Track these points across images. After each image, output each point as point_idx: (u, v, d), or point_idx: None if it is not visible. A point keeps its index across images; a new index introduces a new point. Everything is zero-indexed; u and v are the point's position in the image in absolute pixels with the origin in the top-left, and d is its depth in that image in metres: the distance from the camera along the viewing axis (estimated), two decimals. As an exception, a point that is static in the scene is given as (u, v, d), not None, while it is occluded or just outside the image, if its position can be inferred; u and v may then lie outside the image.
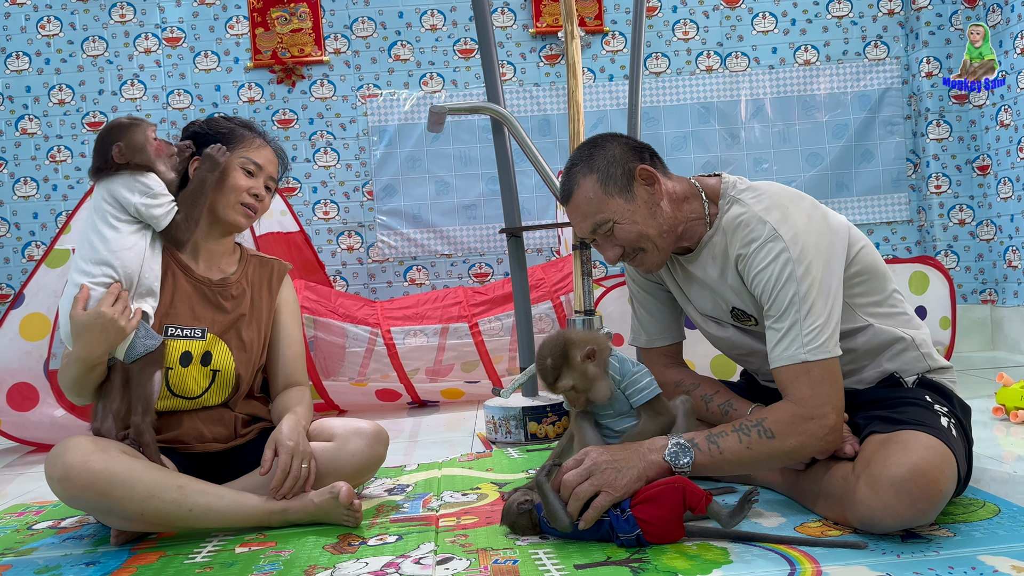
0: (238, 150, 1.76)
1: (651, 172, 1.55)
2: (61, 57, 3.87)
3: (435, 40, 3.95)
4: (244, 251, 1.89)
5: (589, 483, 1.38)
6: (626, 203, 1.55)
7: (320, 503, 1.60)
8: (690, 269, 1.64)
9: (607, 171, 1.55)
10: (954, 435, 1.40)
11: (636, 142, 1.60)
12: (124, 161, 1.65)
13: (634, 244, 1.57)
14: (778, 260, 1.45)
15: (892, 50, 3.97)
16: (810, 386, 1.41)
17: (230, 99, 3.90)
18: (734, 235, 1.53)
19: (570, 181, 1.59)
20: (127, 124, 1.67)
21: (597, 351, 1.52)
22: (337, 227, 3.94)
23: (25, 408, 2.70)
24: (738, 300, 1.57)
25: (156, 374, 1.62)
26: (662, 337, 1.78)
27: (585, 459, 1.42)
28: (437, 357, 3.18)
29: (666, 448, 1.41)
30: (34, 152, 3.87)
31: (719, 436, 1.42)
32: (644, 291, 1.79)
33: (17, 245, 3.87)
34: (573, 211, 1.60)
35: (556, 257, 3.77)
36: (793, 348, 1.42)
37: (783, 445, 1.40)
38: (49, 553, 1.60)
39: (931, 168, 3.88)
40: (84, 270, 1.61)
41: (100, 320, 1.55)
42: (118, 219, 1.64)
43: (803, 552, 1.31)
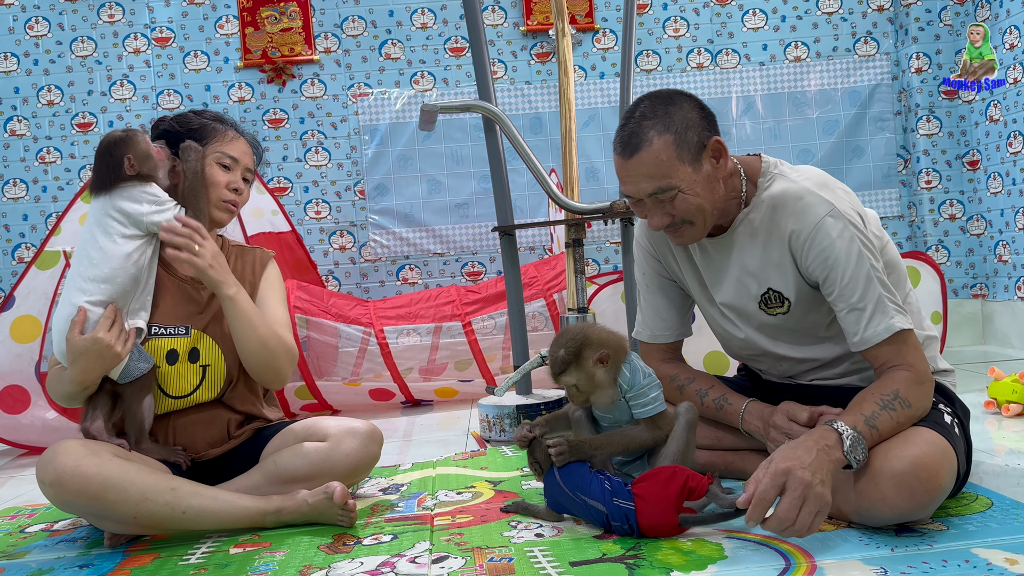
0: (211, 144, 1.74)
1: (723, 147, 1.48)
2: (50, 58, 3.84)
3: (426, 39, 3.94)
4: (226, 243, 1.87)
5: (808, 512, 1.23)
6: (693, 173, 1.46)
7: (314, 503, 1.59)
8: (717, 251, 1.58)
9: (684, 135, 1.45)
10: (956, 432, 1.41)
11: (707, 107, 1.52)
12: (135, 172, 1.64)
13: (687, 216, 1.49)
14: (843, 236, 1.42)
15: (882, 46, 3.98)
16: (912, 352, 1.41)
17: (220, 99, 3.88)
18: (783, 209, 1.48)
19: (640, 135, 1.46)
20: (128, 136, 1.66)
21: (611, 358, 1.50)
22: (329, 227, 3.93)
23: (16, 411, 2.69)
24: (778, 279, 1.51)
25: (148, 398, 1.63)
26: (666, 335, 1.75)
27: (788, 480, 1.24)
28: (430, 356, 3.18)
29: (844, 444, 1.30)
30: (23, 153, 3.84)
31: (875, 417, 1.35)
32: (656, 288, 1.74)
33: (7, 247, 3.84)
34: (635, 167, 1.47)
35: (549, 255, 3.77)
36: (887, 320, 1.40)
37: (916, 411, 1.38)
38: (42, 556, 1.59)
39: (921, 163, 3.89)
40: (82, 288, 1.59)
41: (97, 346, 1.54)
42: (123, 235, 1.62)
43: (798, 547, 1.32)
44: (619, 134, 1.50)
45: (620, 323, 2.87)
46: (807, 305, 1.52)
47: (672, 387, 1.69)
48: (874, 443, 1.34)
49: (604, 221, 2.37)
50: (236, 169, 1.77)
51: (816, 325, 1.55)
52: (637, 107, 1.50)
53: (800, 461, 1.25)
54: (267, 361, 1.71)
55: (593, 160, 3.90)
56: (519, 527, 1.53)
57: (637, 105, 1.51)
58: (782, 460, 1.26)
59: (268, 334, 1.71)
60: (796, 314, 1.53)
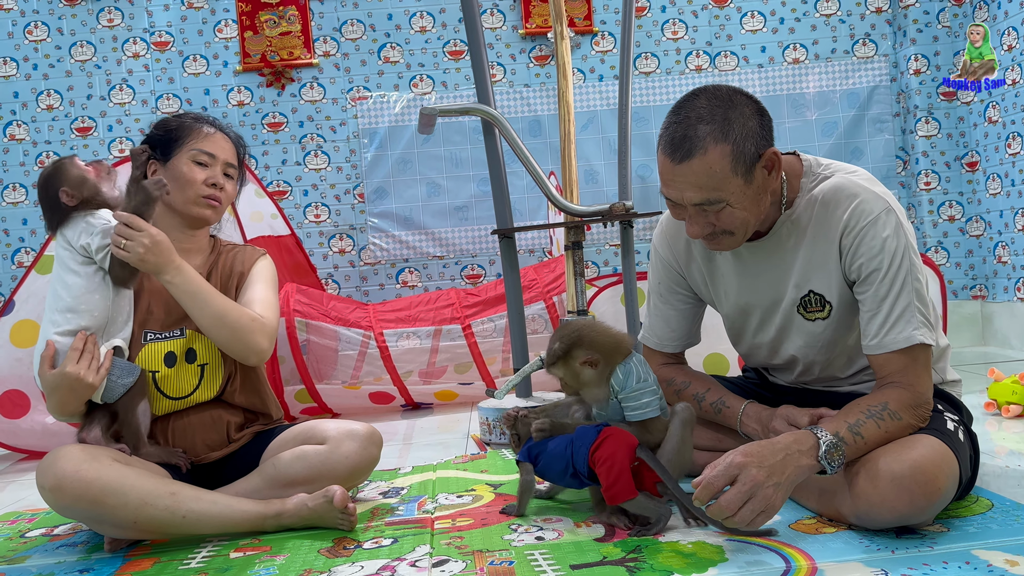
0: (187, 143, 1.75)
1: (778, 158, 1.40)
2: (49, 62, 3.85)
3: (425, 42, 3.95)
4: (218, 243, 1.86)
5: (750, 508, 1.25)
6: (744, 185, 1.38)
7: (314, 507, 1.59)
8: (754, 255, 1.54)
9: (741, 146, 1.36)
10: (960, 440, 1.41)
11: (765, 112, 1.41)
12: (75, 202, 1.63)
13: (729, 228, 1.42)
14: (895, 236, 1.39)
15: (880, 48, 3.99)
16: (916, 373, 1.39)
17: (219, 103, 3.88)
18: (836, 205, 1.43)
19: (694, 139, 1.36)
20: (56, 167, 1.64)
21: (600, 362, 1.52)
22: (328, 230, 3.93)
23: (16, 415, 2.69)
24: (821, 281, 1.47)
25: (142, 404, 1.63)
26: (672, 344, 1.74)
27: (740, 475, 1.26)
28: (430, 359, 3.18)
29: (819, 449, 1.30)
30: (23, 158, 3.84)
31: (859, 425, 1.34)
32: (667, 298, 1.70)
33: (6, 252, 3.84)
34: (684, 174, 1.38)
35: (548, 258, 3.77)
36: (909, 330, 1.38)
37: (906, 425, 1.37)
38: (43, 560, 1.59)
39: (920, 165, 3.90)
40: (52, 319, 1.60)
41: (66, 380, 1.55)
42: (79, 262, 1.62)
43: (799, 549, 1.32)
44: (669, 133, 1.39)
45: (619, 325, 2.86)
46: (845, 311, 1.49)
47: (670, 391, 1.69)
48: (860, 451, 1.35)
49: (603, 224, 2.37)
50: (214, 165, 1.76)
51: (848, 332, 1.52)
52: (692, 104, 1.39)
53: (760, 459, 1.27)
54: (232, 335, 1.66)
55: (592, 163, 3.90)
56: (519, 530, 1.53)
57: (692, 101, 1.40)
58: (742, 455, 1.28)
59: (225, 307, 1.66)
60: (835, 320, 1.50)
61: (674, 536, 1.43)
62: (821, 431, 1.33)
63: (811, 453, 1.31)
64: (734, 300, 1.61)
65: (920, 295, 1.41)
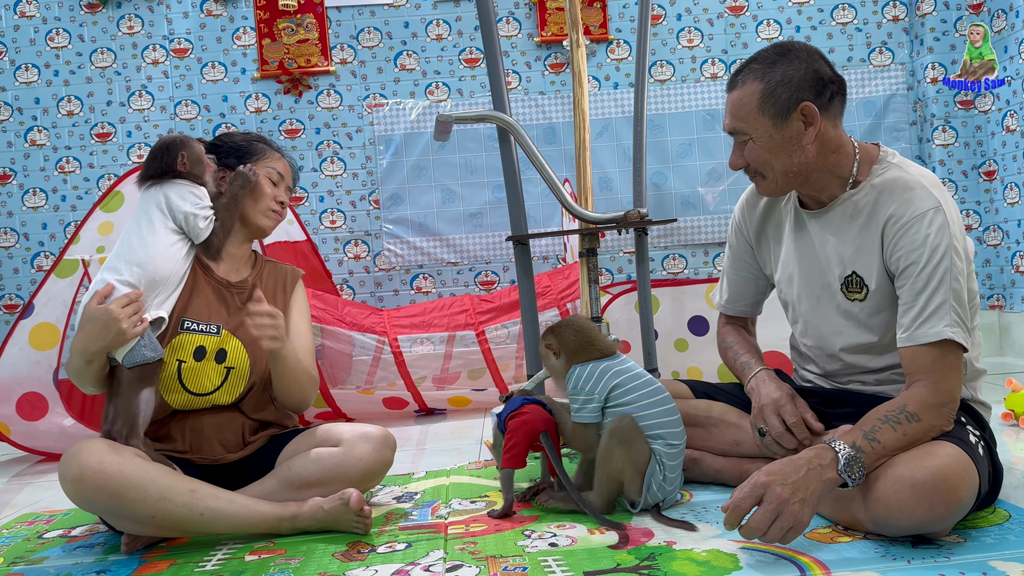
0: (263, 160, 1.89)
1: (813, 113, 1.50)
2: (70, 69, 3.89)
3: (441, 50, 3.97)
4: (259, 257, 1.96)
5: (779, 526, 1.28)
6: (773, 128, 1.52)
7: (330, 510, 1.60)
8: (813, 224, 1.62)
9: (774, 89, 1.50)
10: (980, 453, 1.41)
11: (825, 72, 1.52)
12: (186, 170, 1.76)
13: (757, 167, 1.57)
14: (941, 233, 1.43)
15: (897, 56, 3.97)
16: (943, 372, 1.41)
17: (237, 109, 3.92)
18: (891, 195, 1.50)
19: (741, 74, 1.55)
20: (186, 139, 1.80)
21: (560, 354, 1.70)
22: (344, 236, 3.95)
23: (34, 417, 2.72)
24: (864, 264, 1.53)
25: (146, 391, 1.64)
26: (733, 308, 1.87)
27: (766, 494, 1.29)
28: (444, 365, 3.18)
29: (839, 463, 1.32)
30: (43, 163, 3.89)
31: (875, 431, 1.36)
32: (734, 267, 1.84)
33: (26, 256, 3.89)
34: (729, 101, 1.58)
35: (562, 265, 3.77)
36: (941, 326, 1.40)
37: (927, 426, 1.38)
38: (60, 561, 1.61)
39: (937, 173, 3.87)
40: (115, 267, 1.67)
41: (104, 316, 1.58)
42: (164, 225, 1.73)
43: (814, 558, 1.31)
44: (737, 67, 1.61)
45: (633, 332, 2.87)
46: (881, 297, 1.53)
47: (722, 347, 1.86)
48: (880, 457, 1.35)
49: (618, 231, 2.37)
50: (281, 185, 1.91)
51: (882, 326, 1.55)
52: (761, 50, 1.58)
53: (783, 477, 1.30)
54: (299, 396, 1.83)
55: (607, 170, 3.91)
56: (533, 536, 1.53)
57: (764, 49, 1.58)
58: (766, 474, 1.31)
59: (304, 378, 1.81)
60: (869, 305, 1.55)
61: (688, 544, 1.43)
62: (839, 444, 1.34)
63: (832, 467, 1.32)
64: (792, 267, 1.68)
65: (958, 296, 1.42)
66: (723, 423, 1.75)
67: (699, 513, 1.61)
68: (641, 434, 1.59)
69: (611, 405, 1.63)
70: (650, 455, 1.60)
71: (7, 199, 3.88)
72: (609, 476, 1.60)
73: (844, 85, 1.56)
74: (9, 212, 3.88)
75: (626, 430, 1.59)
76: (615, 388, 1.62)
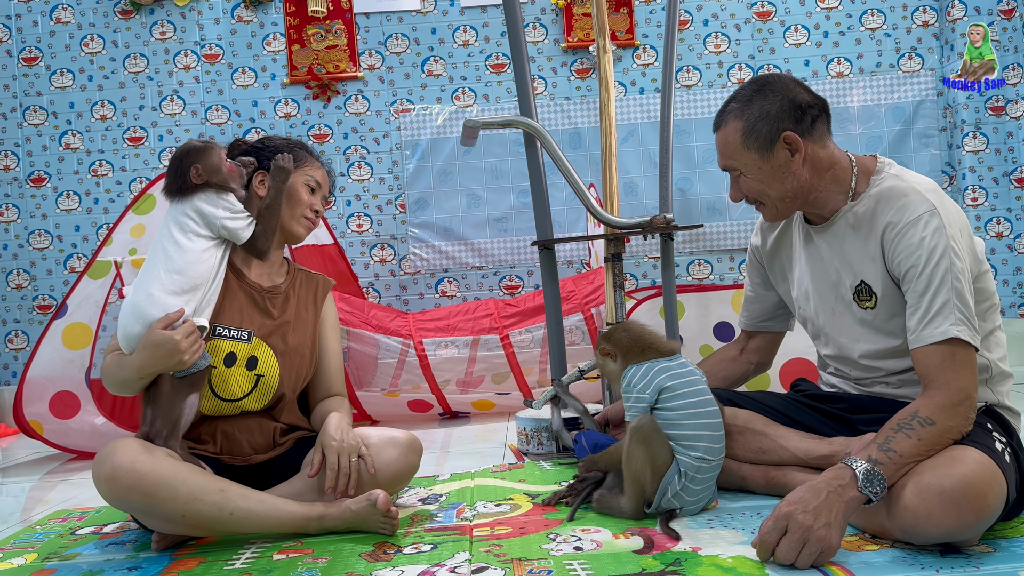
0: (302, 167, 1.87)
1: (795, 140, 1.56)
2: (103, 74, 3.97)
3: (467, 55, 3.99)
4: (292, 264, 1.96)
5: (807, 553, 1.28)
6: (760, 160, 1.59)
7: (357, 510, 1.62)
8: (821, 239, 1.66)
9: (754, 125, 1.57)
10: (1007, 461, 1.39)
11: (804, 98, 1.58)
12: (202, 182, 1.74)
13: (755, 197, 1.64)
14: (938, 235, 1.46)
15: (927, 62, 3.94)
16: (954, 370, 1.41)
17: (267, 115, 3.97)
18: (887, 203, 1.53)
19: (723, 114, 1.63)
20: (201, 147, 1.77)
21: (617, 357, 1.70)
22: (370, 240, 3.98)
23: (67, 416, 2.77)
24: (871, 272, 1.56)
25: (192, 396, 1.66)
26: (743, 323, 1.95)
27: (790, 524, 1.30)
28: (468, 369, 3.20)
29: (858, 480, 1.33)
30: (76, 167, 3.97)
31: (889, 441, 1.37)
32: (748, 271, 1.92)
33: (60, 257, 3.96)
34: (717, 141, 1.66)
35: (587, 269, 3.77)
36: (946, 325, 1.42)
37: (943, 429, 1.37)
38: (92, 558, 1.64)
39: (967, 180, 3.83)
40: (157, 276, 1.67)
41: (170, 345, 1.59)
42: (198, 233, 1.72)
43: (841, 567, 1.31)
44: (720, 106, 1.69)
45: (658, 338, 2.86)
46: (891, 302, 1.55)
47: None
48: (900, 467, 1.35)
49: (643, 236, 2.37)
50: (318, 193, 1.90)
51: (899, 329, 1.56)
52: (739, 88, 1.65)
53: (804, 505, 1.31)
54: None
55: (632, 175, 3.91)
56: (558, 540, 1.54)
57: (742, 86, 1.65)
58: (786, 504, 1.33)
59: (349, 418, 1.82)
60: (881, 311, 1.57)
61: (714, 550, 1.42)
62: (855, 461, 1.35)
63: (852, 485, 1.33)
64: (806, 283, 1.72)
65: (961, 295, 1.43)
66: (748, 431, 1.75)
67: (724, 519, 1.60)
68: (661, 435, 1.59)
69: (658, 408, 1.61)
70: (670, 459, 1.59)
71: (41, 202, 3.96)
72: (634, 478, 1.60)
73: (825, 106, 1.62)
74: (43, 215, 3.96)
75: (644, 428, 1.58)
76: (665, 391, 1.60)
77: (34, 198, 3.96)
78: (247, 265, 1.84)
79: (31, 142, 3.96)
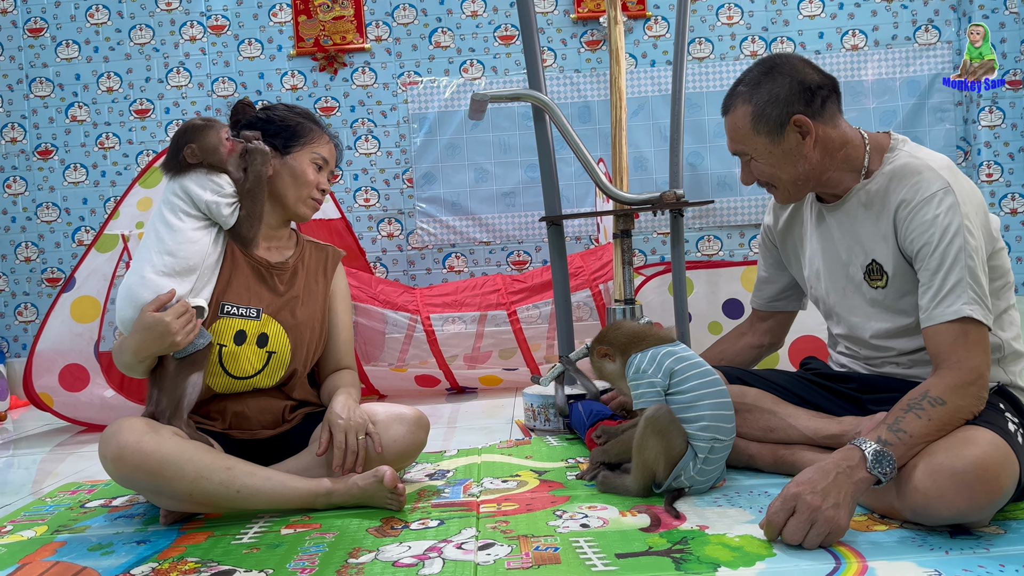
0: (310, 144, 1.82)
1: (806, 123, 1.54)
2: (109, 45, 3.94)
3: (475, 27, 3.94)
4: (300, 236, 1.93)
5: (815, 533, 1.27)
6: (770, 144, 1.57)
7: (364, 486, 1.62)
8: (833, 217, 1.64)
9: (763, 109, 1.55)
10: (1020, 441, 1.38)
11: (814, 79, 1.56)
12: (196, 161, 1.70)
13: (767, 180, 1.63)
14: (952, 212, 1.44)
15: (943, 34, 3.86)
16: (966, 350, 1.39)
17: (273, 87, 3.94)
18: (900, 181, 1.52)
19: (732, 99, 1.61)
20: (201, 126, 1.72)
21: (616, 355, 1.68)
22: (377, 214, 3.96)
23: (76, 388, 2.78)
24: (883, 251, 1.55)
25: (194, 376, 1.64)
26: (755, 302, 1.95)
27: (798, 504, 1.29)
28: (475, 344, 3.19)
29: (867, 461, 1.31)
30: (83, 139, 3.95)
31: (899, 421, 1.35)
32: (760, 251, 1.92)
33: (68, 230, 3.96)
34: (726, 126, 1.65)
35: (595, 245, 3.75)
36: (958, 304, 1.40)
37: (954, 408, 1.36)
38: (101, 531, 1.65)
39: (983, 156, 3.78)
40: (149, 258, 1.65)
41: (160, 327, 1.57)
42: (188, 214, 1.69)
43: (849, 547, 1.30)
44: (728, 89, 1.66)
45: (666, 315, 2.85)
46: (902, 282, 1.54)
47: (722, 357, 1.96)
48: (910, 447, 1.33)
49: (653, 212, 2.35)
50: (325, 170, 1.85)
51: (911, 308, 1.55)
52: (747, 70, 1.62)
53: (812, 485, 1.30)
54: None
55: (642, 149, 3.86)
56: (564, 516, 1.53)
57: (749, 68, 1.62)
58: (795, 485, 1.32)
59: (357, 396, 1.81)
60: (892, 291, 1.56)
61: (720, 528, 1.42)
62: (864, 441, 1.33)
63: (861, 466, 1.31)
64: (817, 262, 1.71)
65: (974, 274, 1.42)
66: (757, 409, 1.74)
67: (731, 498, 1.60)
68: (677, 425, 1.58)
69: (671, 393, 1.60)
70: (685, 447, 1.58)
71: (48, 174, 3.95)
72: (644, 464, 1.60)
73: (835, 85, 1.59)
74: (51, 187, 3.95)
75: (661, 420, 1.57)
76: (674, 374, 1.60)
77: (41, 171, 3.95)
78: (248, 249, 1.80)
79: (37, 114, 3.95)
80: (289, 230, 1.92)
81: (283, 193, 1.81)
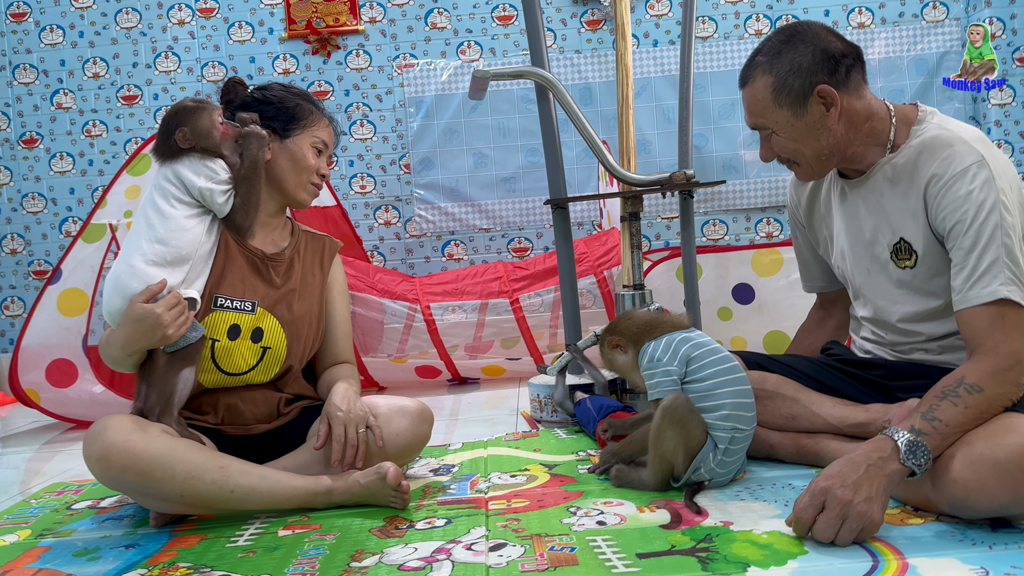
0: (309, 128, 1.75)
1: (831, 94, 1.46)
2: (95, 30, 3.82)
3: (472, 7, 3.83)
4: (296, 226, 1.85)
5: (848, 529, 1.20)
6: (793, 117, 1.48)
7: (366, 484, 1.53)
8: (855, 196, 1.57)
9: (784, 80, 1.47)
10: None
11: (838, 47, 1.47)
12: (188, 146, 1.62)
13: (787, 156, 1.54)
14: (987, 187, 1.35)
15: (952, 11, 3.77)
16: (1004, 333, 1.31)
17: (265, 71, 3.83)
18: (931, 155, 1.43)
19: (751, 70, 1.52)
20: (192, 108, 1.63)
21: (628, 346, 1.60)
22: (374, 201, 3.86)
23: (64, 384, 2.69)
24: (912, 229, 1.47)
25: (186, 371, 1.56)
26: (807, 284, 1.85)
27: (827, 499, 1.21)
28: (476, 333, 3.11)
29: (900, 452, 1.23)
30: (69, 127, 3.84)
31: (933, 409, 1.27)
32: (794, 234, 1.82)
33: (54, 221, 3.85)
34: (744, 99, 1.56)
35: (598, 231, 3.66)
36: (995, 284, 1.32)
37: (991, 396, 1.28)
38: (88, 535, 1.56)
39: (992, 135, 3.69)
40: (139, 247, 1.56)
41: (150, 319, 1.49)
42: (180, 200, 1.61)
43: (886, 543, 1.22)
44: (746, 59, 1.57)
45: (675, 301, 2.77)
46: (933, 261, 1.46)
47: None
48: (946, 437, 1.25)
49: (662, 194, 2.26)
50: (325, 153, 1.78)
51: (941, 289, 1.47)
52: (767, 37, 1.53)
53: (842, 479, 1.22)
54: None
55: (645, 132, 3.76)
56: (579, 513, 1.45)
57: (768, 37, 1.53)
58: (823, 479, 1.24)
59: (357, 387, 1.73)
60: (921, 271, 1.48)
61: (745, 524, 1.34)
62: (896, 431, 1.26)
63: (894, 457, 1.24)
64: (842, 241, 1.63)
65: (1011, 252, 1.34)
66: (777, 396, 1.66)
67: (754, 491, 1.51)
68: (696, 415, 1.49)
69: (687, 382, 1.52)
70: (705, 438, 1.50)
71: (34, 163, 3.84)
72: (661, 457, 1.51)
73: (860, 53, 1.50)
74: (37, 177, 3.85)
75: (680, 410, 1.48)
76: (692, 361, 1.51)
77: (26, 160, 3.84)
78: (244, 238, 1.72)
79: (22, 102, 3.83)
80: (285, 218, 1.83)
81: (282, 179, 1.73)
